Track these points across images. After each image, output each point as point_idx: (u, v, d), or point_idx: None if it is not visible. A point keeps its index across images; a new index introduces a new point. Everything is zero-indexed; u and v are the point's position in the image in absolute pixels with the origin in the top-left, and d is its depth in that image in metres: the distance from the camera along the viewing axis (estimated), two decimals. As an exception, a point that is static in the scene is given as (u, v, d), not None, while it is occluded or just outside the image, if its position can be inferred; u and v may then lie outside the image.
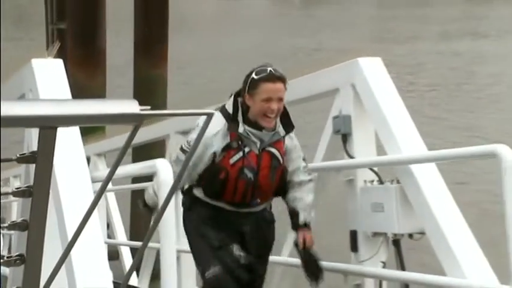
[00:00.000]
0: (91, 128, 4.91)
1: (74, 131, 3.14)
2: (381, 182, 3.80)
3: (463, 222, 3.32)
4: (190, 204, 3.49)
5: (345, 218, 4.03)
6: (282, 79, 3.25)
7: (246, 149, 3.27)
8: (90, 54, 10.38)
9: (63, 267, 1.16)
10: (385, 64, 4.05)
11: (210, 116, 1.40)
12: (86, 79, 9.98)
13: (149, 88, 11.07)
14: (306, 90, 4.50)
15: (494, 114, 18.89)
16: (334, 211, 4.43)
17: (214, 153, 3.25)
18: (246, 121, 3.26)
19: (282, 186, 3.42)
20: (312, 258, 3.36)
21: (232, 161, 3.27)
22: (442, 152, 3.60)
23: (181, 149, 3.38)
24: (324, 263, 3.42)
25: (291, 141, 3.42)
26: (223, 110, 3.29)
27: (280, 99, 3.23)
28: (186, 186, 3.47)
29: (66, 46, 10.35)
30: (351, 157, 3.97)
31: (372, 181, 3.84)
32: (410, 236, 3.56)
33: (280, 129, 3.33)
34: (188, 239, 3.54)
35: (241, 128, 3.24)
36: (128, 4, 12.39)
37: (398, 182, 3.63)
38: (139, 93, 10.95)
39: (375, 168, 3.88)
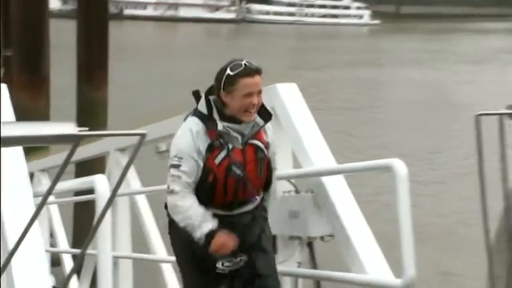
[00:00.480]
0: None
1: (17, 149, 3.07)
2: (297, 192, 3.86)
3: (366, 226, 3.41)
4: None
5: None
6: (258, 71, 2.86)
7: (230, 146, 2.84)
8: (35, 79, 10.13)
9: (4, 275, 1.15)
10: (301, 88, 4.12)
11: (143, 136, 1.41)
12: (31, 102, 9.74)
13: (91, 109, 11.01)
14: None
15: (396, 132, 19.49)
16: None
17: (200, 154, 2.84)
18: (223, 118, 2.83)
19: (270, 178, 3.06)
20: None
21: (217, 160, 2.84)
22: (348, 165, 3.69)
23: (173, 166, 2.85)
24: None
25: (269, 130, 3.04)
26: (196, 113, 2.87)
27: (260, 92, 2.85)
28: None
29: (12, 72, 10.15)
30: (271, 171, 4.02)
31: (290, 191, 3.90)
32: (322, 238, 3.63)
33: (258, 120, 2.89)
34: (178, 260, 3.14)
35: (220, 125, 2.81)
36: (71, 32, 12.23)
37: (312, 191, 3.69)
38: (82, 115, 10.93)
39: (292, 180, 3.93)
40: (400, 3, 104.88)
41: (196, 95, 2.89)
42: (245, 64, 2.82)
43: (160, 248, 4.86)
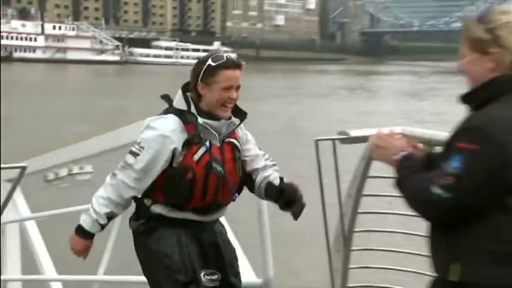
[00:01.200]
0: None
1: None
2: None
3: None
4: (149, 228, 2.31)
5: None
6: (240, 66, 2.32)
7: (208, 143, 2.28)
8: None
9: None
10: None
11: (23, 169, 1.35)
12: None
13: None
14: (114, 141, 4.42)
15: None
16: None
17: (174, 152, 2.22)
18: (199, 113, 2.28)
19: (243, 179, 2.42)
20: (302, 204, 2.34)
21: (196, 157, 2.25)
22: None
23: (131, 152, 2.25)
24: (133, 278, 3.33)
25: (241, 130, 2.43)
26: (171, 110, 2.29)
27: (238, 87, 2.31)
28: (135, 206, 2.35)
29: None
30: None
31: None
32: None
33: (234, 118, 2.36)
34: (147, 272, 2.39)
35: (200, 120, 2.26)
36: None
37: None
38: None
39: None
40: (259, 48, 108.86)
41: (167, 98, 2.36)
42: (227, 56, 2.29)
43: (49, 268, 4.57)
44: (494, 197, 1.63)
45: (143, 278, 2.33)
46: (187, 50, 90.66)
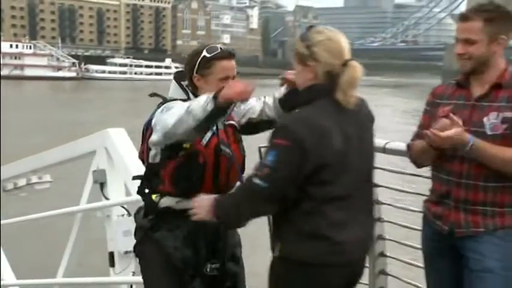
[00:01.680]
0: None
1: None
2: (129, 214, 3.75)
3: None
4: (157, 223, 2.12)
5: (105, 244, 3.88)
6: (234, 55, 2.14)
7: (214, 127, 2.09)
8: None
9: None
10: (130, 131, 4.04)
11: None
12: None
13: None
14: (71, 152, 4.31)
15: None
16: (96, 240, 4.22)
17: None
18: None
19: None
20: None
21: (204, 141, 2.08)
22: None
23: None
24: (90, 279, 3.24)
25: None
26: (169, 101, 2.11)
27: (234, 77, 2.12)
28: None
29: None
30: (107, 199, 3.88)
31: (123, 215, 3.79)
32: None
33: None
34: (149, 268, 2.16)
35: None
36: None
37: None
38: None
39: (125, 205, 3.83)
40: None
41: (156, 94, 2.20)
42: (221, 48, 2.10)
43: (8, 274, 4.37)
44: (300, 186, 1.80)
45: (101, 279, 2.26)
46: (140, 66, 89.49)
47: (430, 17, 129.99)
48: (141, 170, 3.71)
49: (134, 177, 2.24)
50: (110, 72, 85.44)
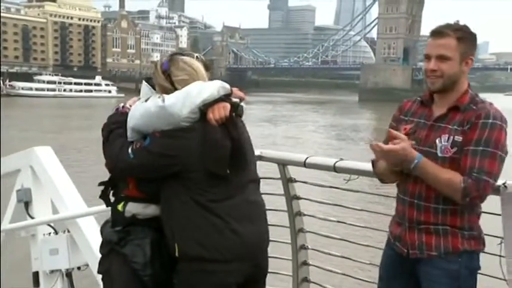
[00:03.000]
0: None
1: None
2: (56, 232, 3.56)
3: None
4: (122, 236, 2.02)
5: (28, 264, 3.65)
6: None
7: None
8: None
9: None
10: (57, 148, 3.86)
11: None
12: None
13: None
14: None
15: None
16: (18, 260, 3.96)
17: None
18: None
19: None
20: None
21: None
22: (95, 208, 3.47)
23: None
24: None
25: None
26: None
27: None
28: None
29: None
30: (32, 218, 3.66)
31: (50, 233, 3.58)
32: (79, 268, 3.39)
33: None
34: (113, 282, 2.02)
35: None
36: None
37: (68, 231, 3.45)
38: None
39: (52, 224, 3.63)
40: (138, 81, 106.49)
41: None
42: (197, 57, 2.12)
43: None
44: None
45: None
46: (70, 83, 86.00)
47: (346, 39, 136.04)
48: (69, 186, 3.58)
49: (100, 183, 2.10)
50: (37, 89, 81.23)
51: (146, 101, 1.99)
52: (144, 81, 2.13)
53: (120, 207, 2.03)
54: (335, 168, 2.48)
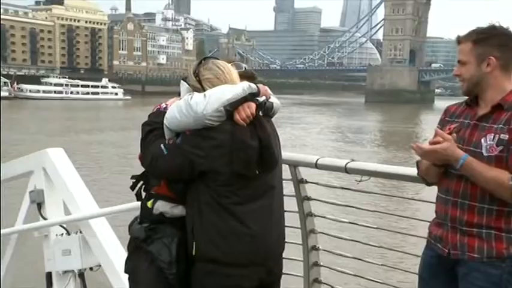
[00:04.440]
0: None
1: None
2: (68, 233, 3.59)
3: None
4: (149, 234, 2.06)
5: (42, 264, 3.69)
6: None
7: None
8: None
9: None
10: (70, 149, 3.89)
11: None
12: None
13: None
14: (6, 173, 4.08)
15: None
16: (32, 261, 3.99)
17: None
18: None
19: None
20: None
21: None
22: (107, 209, 3.50)
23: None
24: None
25: None
26: None
27: None
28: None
29: None
30: (45, 219, 3.70)
31: (62, 234, 3.62)
32: (91, 268, 3.42)
33: None
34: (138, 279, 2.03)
35: None
36: None
37: (81, 232, 3.48)
38: None
39: (64, 225, 3.66)
40: (145, 83, 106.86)
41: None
42: (245, 68, 2.20)
43: None
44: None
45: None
46: (76, 86, 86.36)
47: (352, 41, 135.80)
48: (81, 188, 3.61)
49: (132, 177, 2.13)
50: (44, 91, 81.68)
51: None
52: (182, 81, 2.14)
53: (149, 203, 2.05)
54: (346, 169, 2.49)
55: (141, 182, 2.09)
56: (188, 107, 1.92)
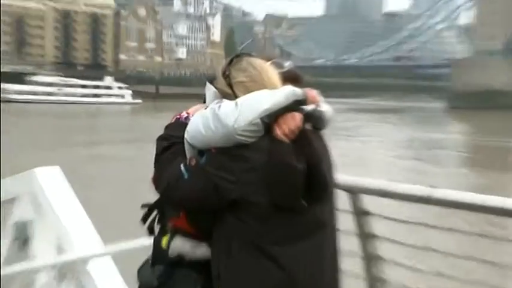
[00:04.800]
0: None
1: None
2: (62, 277, 3.64)
3: None
4: (163, 281, 2.07)
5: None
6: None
7: None
8: None
9: None
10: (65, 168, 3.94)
11: None
12: None
13: None
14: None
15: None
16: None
17: None
18: None
19: None
20: None
21: None
22: (112, 247, 3.53)
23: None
24: None
25: None
26: None
27: None
28: None
29: None
30: (33, 259, 3.75)
31: (54, 278, 3.66)
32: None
33: None
34: None
35: None
36: None
37: (77, 276, 3.51)
38: None
39: (56, 267, 3.71)
40: (159, 84, 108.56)
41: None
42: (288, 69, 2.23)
43: None
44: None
45: None
46: (73, 86, 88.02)
47: (426, 28, 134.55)
48: (81, 219, 3.65)
49: (144, 205, 2.13)
50: (31, 92, 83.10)
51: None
52: (207, 83, 2.12)
53: (164, 241, 2.04)
54: (427, 199, 2.42)
55: (155, 213, 2.10)
56: (215, 118, 1.91)
